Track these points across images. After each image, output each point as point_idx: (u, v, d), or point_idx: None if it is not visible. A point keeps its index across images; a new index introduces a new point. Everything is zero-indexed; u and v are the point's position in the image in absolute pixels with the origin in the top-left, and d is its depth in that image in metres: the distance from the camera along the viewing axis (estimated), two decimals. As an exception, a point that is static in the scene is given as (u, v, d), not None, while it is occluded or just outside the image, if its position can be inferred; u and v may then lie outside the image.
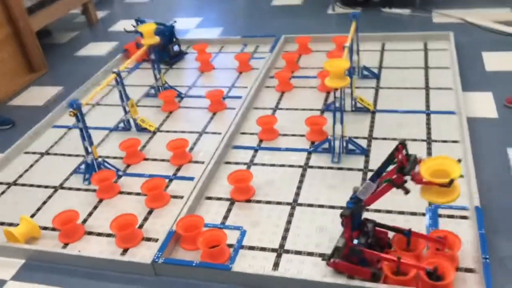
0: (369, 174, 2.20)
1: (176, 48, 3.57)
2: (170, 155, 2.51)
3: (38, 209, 2.28)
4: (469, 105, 2.61)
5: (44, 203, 2.32)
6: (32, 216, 2.23)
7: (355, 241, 1.69)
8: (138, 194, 2.29)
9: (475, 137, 2.34)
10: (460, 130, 2.41)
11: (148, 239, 2.03)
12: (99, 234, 2.09)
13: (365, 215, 1.78)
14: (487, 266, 1.65)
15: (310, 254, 1.86)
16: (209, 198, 2.22)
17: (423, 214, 1.97)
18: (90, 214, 2.21)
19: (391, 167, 1.55)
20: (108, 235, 2.07)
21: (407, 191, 1.50)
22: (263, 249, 1.92)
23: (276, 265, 1.84)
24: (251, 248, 1.92)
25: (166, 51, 3.50)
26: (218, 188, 2.27)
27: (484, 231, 1.78)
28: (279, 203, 2.14)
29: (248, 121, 2.76)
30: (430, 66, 3.08)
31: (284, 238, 1.96)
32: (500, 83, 2.83)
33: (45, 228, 2.14)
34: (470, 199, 1.97)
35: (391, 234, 1.78)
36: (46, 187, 2.42)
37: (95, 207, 2.25)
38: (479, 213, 1.86)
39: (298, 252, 1.88)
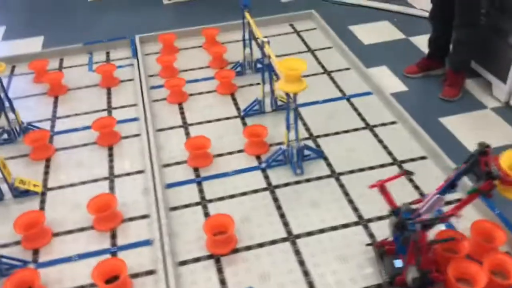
0: (343, 178, 2.01)
1: None
2: (91, 220, 1.86)
3: None
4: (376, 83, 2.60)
5: None
6: None
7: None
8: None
9: (414, 114, 2.32)
10: (392, 110, 2.38)
11: None
12: None
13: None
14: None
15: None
16: (183, 263, 1.72)
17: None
18: None
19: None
20: None
21: (490, 196, 1.34)
22: (297, 305, 1.56)
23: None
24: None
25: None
26: (185, 246, 1.77)
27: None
28: (273, 242, 1.78)
29: (163, 149, 2.23)
30: (314, 48, 2.98)
31: (310, 283, 1.62)
32: (385, 55, 2.90)
33: None
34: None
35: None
36: None
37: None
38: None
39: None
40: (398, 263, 1.54)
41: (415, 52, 2.98)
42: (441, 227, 1.70)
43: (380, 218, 1.82)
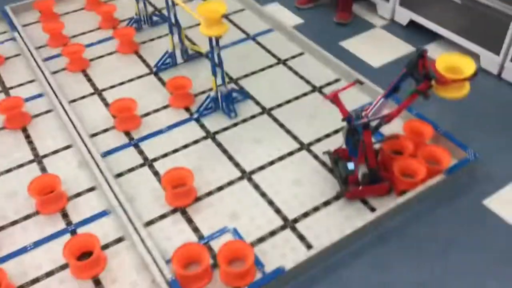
0: (274, 112, 2.11)
1: None
2: (33, 205, 1.73)
3: None
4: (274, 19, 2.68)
5: None
6: None
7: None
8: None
9: (317, 42, 2.46)
10: (297, 42, 2.50)
11: None
12: None
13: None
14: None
15: (325, 203, 1.73)
16: (150, 223, 1.69)
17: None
18: None
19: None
20: None
21: (428, 96, 1.52)
22: (272, 233, 1.65)
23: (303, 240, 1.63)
24: (263, 239, 1.63)
25: None
26: (147, 207, 1.74)
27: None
28: (230, 183, 1.82)
29: (84, 119, 2.10)
30: (203, -5, 2.95)
31: (277, 210, 1.72)
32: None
33: None
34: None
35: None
36: None
37: None
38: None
39: (307, 214, 1.70)
40: (351, 165, 1.71)
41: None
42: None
43: (318, 140, 1.97)
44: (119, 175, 1.87)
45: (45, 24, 2.59)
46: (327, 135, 1.99)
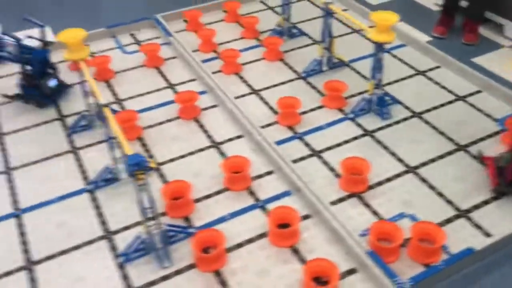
0: (425, 116, 2.26)
1: (52, 82, 2.42)
2: (221, 183, 1.95)
3: None
4: None
5: None
6: None
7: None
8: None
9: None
10: (432, 56, 2.67)
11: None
12: None
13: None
14: None
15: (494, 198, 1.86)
16: (332, 203, 1.86)
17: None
18: None
19: None
20: None
21: None
22: (448, 221, 1.79)
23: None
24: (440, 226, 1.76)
25: (37, 87, 2.37)
26: (322, 189, 1.92)
27: None
28: (398, 175, 1.98)
29: (248, 114, 2.32)
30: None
31: (448, 202, 1.86)
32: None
33: None
34: None
35: None
36: None
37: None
38: None
39: (477, 206, 1.84)
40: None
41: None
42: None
43: (473, 142, 2.11)
44: (294, 161, 2.06)
45: (199, 31, 2.87)
46: (481, 139, 2.14)
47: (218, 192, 1.94)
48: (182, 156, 2.11)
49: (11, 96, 2.43)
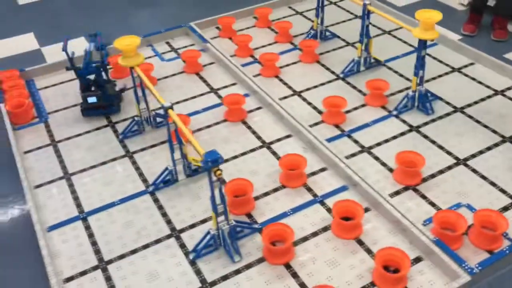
0: (467, 111, 2.32)
1: (91, 99, 2.39)
2: (277, 181, 2.00)
3: None
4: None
5: None
6: None
7: None
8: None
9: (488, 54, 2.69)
10: (466, 52, 2.74)
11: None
12: None
13: None
14: None
15: None
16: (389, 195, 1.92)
17: None
18: None
19: None
20: None
21: None
22: (505, 208, 1.84)
23: None
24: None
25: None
26: (375, 183, 1.97)
27: None
28: (449, 167, 2.04)
29: (294, 115, 2.38)
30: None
31: (502, 191, 1.91)
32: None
33: None
34: None
35: None
36: None
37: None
38: None
39: None
40: None
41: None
42: None
43: (516, 135, 2.17)
44: (345, 158, 2.11)
45: (234, 37, 2.95)
46: (525, 132, 2.20)
47: (275, 190, 1.99)
48: (235, 157, 2.18)
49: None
